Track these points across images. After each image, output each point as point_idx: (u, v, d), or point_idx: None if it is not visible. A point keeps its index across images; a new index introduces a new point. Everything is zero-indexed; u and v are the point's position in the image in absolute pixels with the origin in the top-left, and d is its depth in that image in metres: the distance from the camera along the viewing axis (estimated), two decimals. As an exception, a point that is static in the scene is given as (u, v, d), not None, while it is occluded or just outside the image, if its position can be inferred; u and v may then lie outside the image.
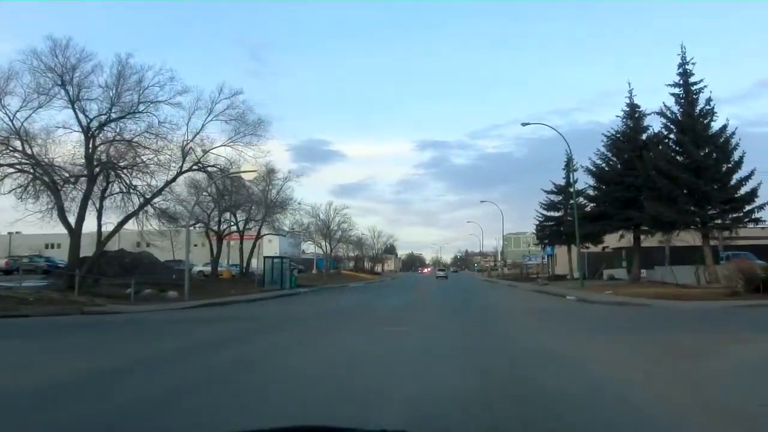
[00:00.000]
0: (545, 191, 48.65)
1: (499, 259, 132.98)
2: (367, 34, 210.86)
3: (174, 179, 28.12)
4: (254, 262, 49.23)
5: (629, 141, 35.78)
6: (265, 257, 40.20)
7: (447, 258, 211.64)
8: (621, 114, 36.55)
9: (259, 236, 48.46)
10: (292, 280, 40.76)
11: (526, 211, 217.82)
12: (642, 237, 36.62)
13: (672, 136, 30.08)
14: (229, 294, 29.49)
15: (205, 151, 28.48)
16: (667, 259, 43.66)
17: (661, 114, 29.99)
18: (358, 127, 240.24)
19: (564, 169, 48.11)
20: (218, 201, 42.08)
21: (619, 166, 36.02)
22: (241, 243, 47.39)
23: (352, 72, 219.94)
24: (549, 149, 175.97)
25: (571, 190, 47.94)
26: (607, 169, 36.53)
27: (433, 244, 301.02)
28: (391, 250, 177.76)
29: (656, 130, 33.08)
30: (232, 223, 45.65)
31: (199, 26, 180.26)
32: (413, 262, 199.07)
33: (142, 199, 28.66)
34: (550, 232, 48.92)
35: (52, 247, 72.55)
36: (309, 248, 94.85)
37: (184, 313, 18.93)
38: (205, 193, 42.23)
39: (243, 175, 25.76)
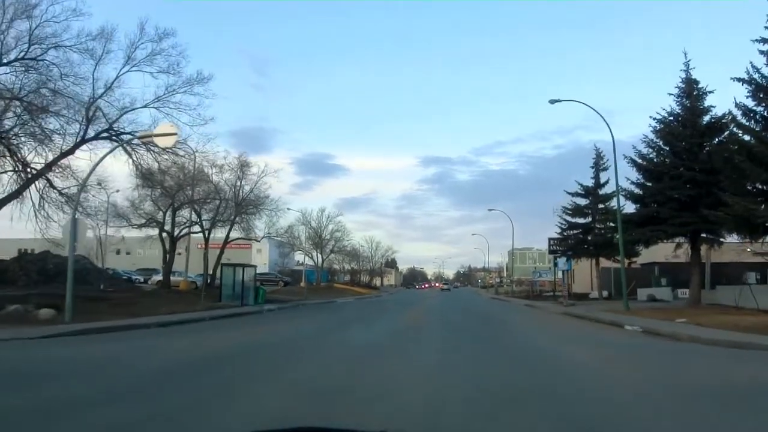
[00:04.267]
0: (569, 193, 40.85)
1: (506, 274, 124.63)
2: (372, 50, 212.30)
3: (73, 150, 20.35)
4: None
5: (687, 125, 28.00)
6: (222, 265, 32.11)
7: (450, 273, 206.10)
8: (674, 92, 28.80)
9: (227, 241, 40.59)
10: (260, 294, 32.82)
11: (529, 229, 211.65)
12: (702, 246, 28.75)
13: (760, 108, 22.21)
14: (157, 312, 21.65)
15: (121, 113, 20.78)
16: (709, 277, 35.97)
17: (747, 81, 22.11)
18: (362, 142, 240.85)
19: (592, 167, 40.27)
20: (172, 193, 34.40)
21: (672, 157, 28.24)
22: (206, 248, 39.53)
23: (356, 87, 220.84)
24: (553, 168, 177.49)
25: (602, 192, 40.22)
26: (657, 160, 28.69)
27: (435, 259, 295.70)
28: (392, 264, 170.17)
29: (725, 111, 25.36)
30: (194, 223, 37.82)
31: (203, 40, 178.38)
32: (415, 277, 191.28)
33: (43, 181, 21.01)
34: (574, 242, 40.90)
35: (26, 252, 65.45)
36: (307, 260, 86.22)
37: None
38: (158, 189, 34.67)
39: (164, 143, 17.92)
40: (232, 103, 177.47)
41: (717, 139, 27.14)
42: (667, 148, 28.62)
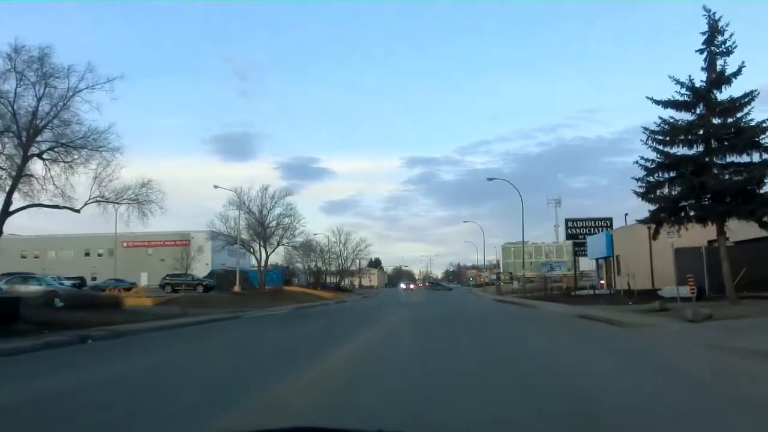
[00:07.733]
0: (657, 102, 21.36)
1: (501, 269, 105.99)
2: (356, 51, 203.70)
3: None
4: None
5: None
6: None
7: (438, 272, 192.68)
8: None
9: (7, 211, 21.09)
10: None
11: (517, 225, 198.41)
12: None
13: None
14: None
15: None
16: None
17: None
18: (347, 144, 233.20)
19: (701, 51, 20.82)
20: None
21: None
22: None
23: (340, 90, 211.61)
24: (537, 166, 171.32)
25: (722, 96, 21.04)
26: None
27: (422, 257, 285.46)
28: (375, 263, 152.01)
29: None
30: None
31: (187, 46, 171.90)
32: (401, 277, 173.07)
33: None
34: (675, 195, 21.36)
35: None
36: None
37: None
38: None
39: None
40: (215, 109, 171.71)
41: None
42: None
